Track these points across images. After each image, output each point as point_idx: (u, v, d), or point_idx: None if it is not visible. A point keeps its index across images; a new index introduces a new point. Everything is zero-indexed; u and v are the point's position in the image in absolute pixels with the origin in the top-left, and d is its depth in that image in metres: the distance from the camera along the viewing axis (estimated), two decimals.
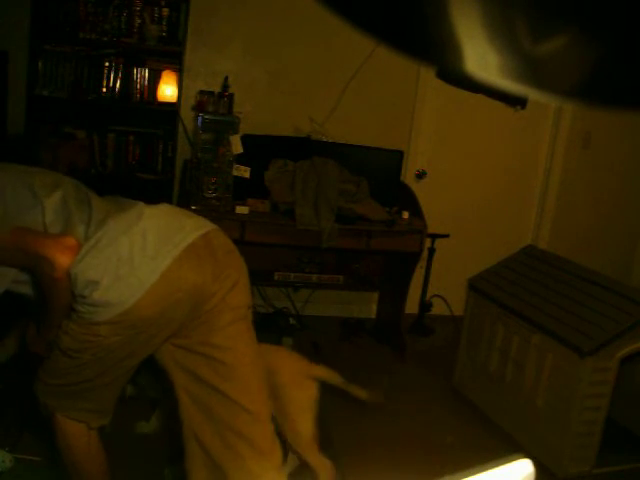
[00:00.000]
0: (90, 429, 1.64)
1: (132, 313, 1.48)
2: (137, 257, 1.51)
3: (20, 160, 1.78)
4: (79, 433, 1.63)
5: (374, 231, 3.27)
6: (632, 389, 2.78)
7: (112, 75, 3.29)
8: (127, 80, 3.31)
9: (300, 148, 3.47)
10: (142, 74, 3.32)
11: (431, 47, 0.33)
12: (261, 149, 3.40)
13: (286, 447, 2.03)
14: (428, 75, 3.73)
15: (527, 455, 0.56)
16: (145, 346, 1.58)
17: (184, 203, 3.29)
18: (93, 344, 1.51)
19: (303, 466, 2.12)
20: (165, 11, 3.28)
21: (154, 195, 3.42)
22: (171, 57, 3.32)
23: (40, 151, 2.39)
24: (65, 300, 1.52)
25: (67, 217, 1.57)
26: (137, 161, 3.39)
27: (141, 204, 1.65)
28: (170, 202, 3.45)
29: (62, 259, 1.48)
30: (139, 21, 3.24)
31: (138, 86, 3.32)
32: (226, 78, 3.43)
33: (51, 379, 1.60)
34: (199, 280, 1.57)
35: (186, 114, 3.45)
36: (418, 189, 3.70)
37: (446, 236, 3.82)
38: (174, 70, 3.33)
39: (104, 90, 3.28)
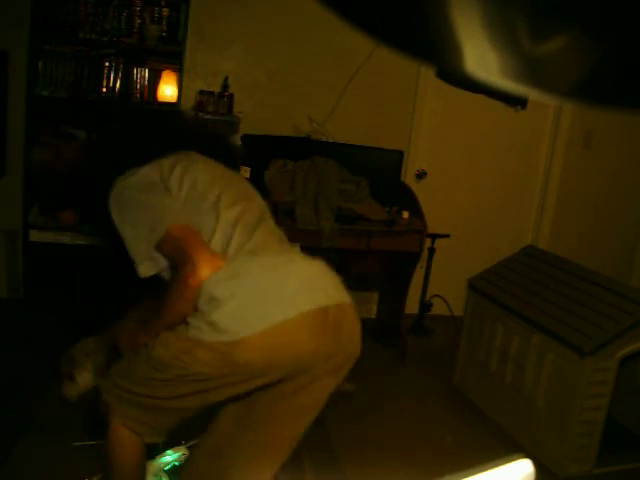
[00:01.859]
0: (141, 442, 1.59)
1: (238, 349, 1.41)
2: (268, 297, 1.46)
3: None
4: (129, 442, 1.57)
5: (374, 231, 3.27)
6: (632, 389, 2.78)
7: (112, 75, 3.28)
8: (127, 80, 3.30)
9: (300, 148, 3.47)
10: (142, 74, 3.32)
11: (431, 47, 0.33)
12: (261, 149, 3.40)
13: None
14: (428, 75, 3.73)
15: (527, 455, 0.56)
16: (226, 390, 1.50)
17: None
18: (183, 364, 1.44)
19: None
20: (165, 11, 3.27)
21: None
22: (171, 57, 3.32)
23: (237, 159, 2.24)
24: (181, 310, 1.49)
25: (229, 234, 1.56)
26: None
27: (297, 250, 1.64)
28: None
29: (205, 272, 1.45)
30: (139, 21, 3.24)
31: (138, 86, 3.32)
32: (226, 78, 3.43)
33: (123, 381, 1.54)
34: (312, 350, 1.48)
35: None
36: (418, 189, 3.70)
37: (446, 236, 3.82)
38: (174, 70, 3.32)
39: (104, 90, 3.28)
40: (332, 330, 1.51)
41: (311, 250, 1.64)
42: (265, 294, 1.46)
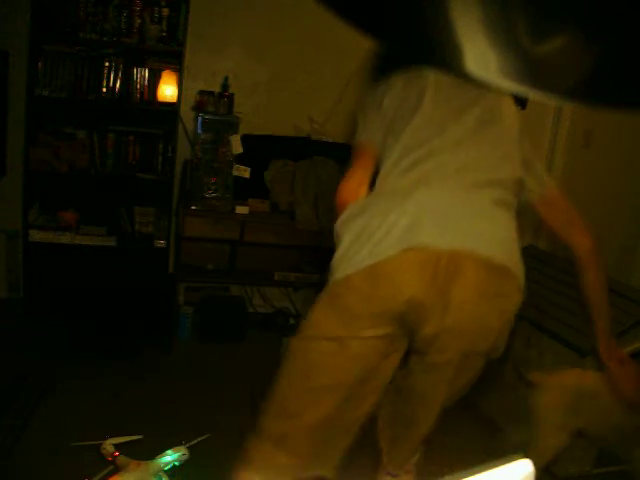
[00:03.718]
0: None
1: (339, 289, 1.37)
2: (363, 238, 1.36)
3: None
4: None
5: None
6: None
7: (112, 75, 3.28)
8: (127, 80, 3.30)
9: (300, 148, 3.47)
10: (142, 74, 3.32)
11: (431, 47, 0.33)
12: (261, 149, 3.40)
13: None
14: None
15: (527, 455, 0.56)
16: (343, 371, 1.40)
17: (184, 203, 3.29)
18: (303, 328, 1.43)
19: None
20: (165, 11, 3.27)
21: (154, 195, 3.42)
22: (171, 57, 3.32)
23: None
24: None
25: (404, 165, 1.50)
26: (137, 161, 3.39)
27: (424, 187, 1.43)
28: (170, 203, 3.44)
29: (341, 196, 1.54)
30: (139, 21, 3.23)
31: (138, 86, 3.32)
32: (226, 78, 3.43)
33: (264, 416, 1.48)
34: (413, 295, 1.33)
35: (186, 114, 3.45)
36: None
37: None
38: (174, 70, 3.32)
39: (104, 90, 3.27)
40: (442, 278, 1.33)
41: (312, 250, 1.64)
42: (361, 234, 1.37)
